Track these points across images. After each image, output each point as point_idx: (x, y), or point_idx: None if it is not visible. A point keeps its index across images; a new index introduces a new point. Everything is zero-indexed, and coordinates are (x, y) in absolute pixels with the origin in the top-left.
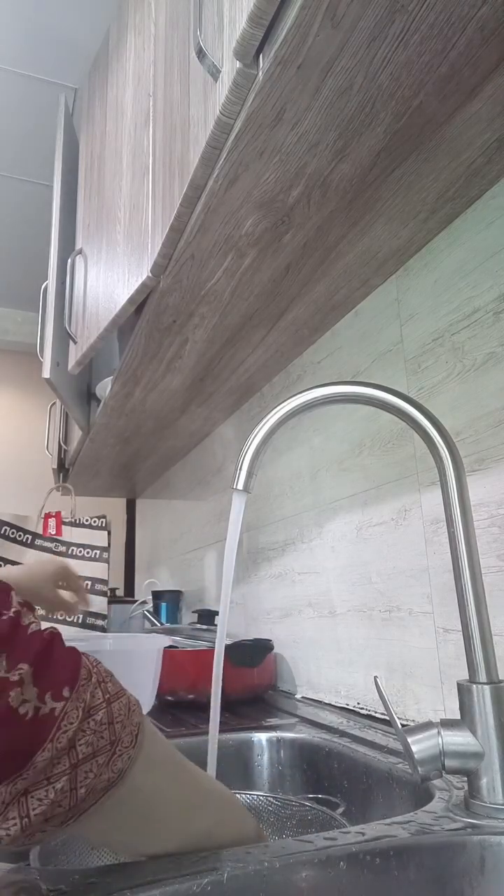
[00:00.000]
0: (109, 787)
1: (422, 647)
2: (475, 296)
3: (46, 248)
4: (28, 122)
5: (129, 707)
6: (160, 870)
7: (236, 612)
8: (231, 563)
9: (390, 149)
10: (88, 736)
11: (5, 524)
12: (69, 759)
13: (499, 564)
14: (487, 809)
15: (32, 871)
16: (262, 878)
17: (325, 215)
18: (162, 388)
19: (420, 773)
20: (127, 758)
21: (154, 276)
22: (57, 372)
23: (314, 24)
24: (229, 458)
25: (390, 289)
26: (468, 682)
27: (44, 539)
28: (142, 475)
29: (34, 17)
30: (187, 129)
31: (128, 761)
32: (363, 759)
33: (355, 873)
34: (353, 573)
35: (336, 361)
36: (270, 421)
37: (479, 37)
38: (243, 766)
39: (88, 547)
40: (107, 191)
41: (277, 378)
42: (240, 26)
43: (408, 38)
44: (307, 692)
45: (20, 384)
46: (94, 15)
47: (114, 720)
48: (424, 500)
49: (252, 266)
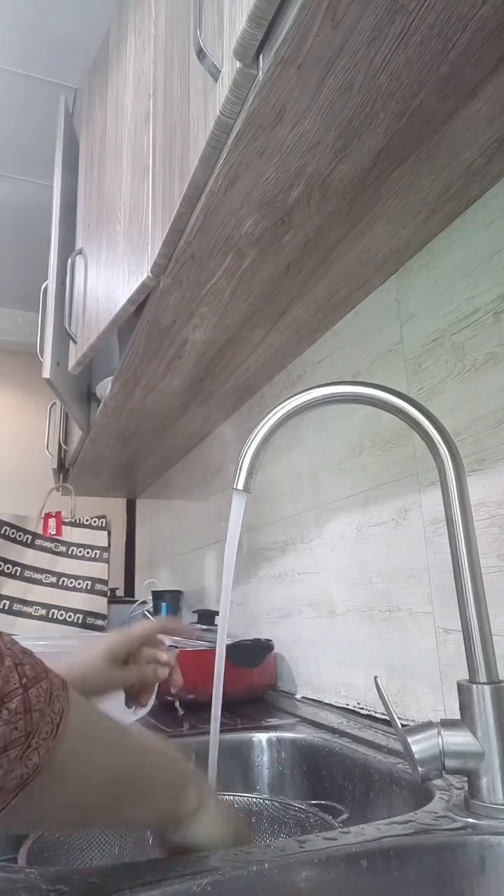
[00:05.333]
0: (23, 784)
1: (422, 647)
2: (475, 296)
3: (46, 248)
4: (28, 122)
5: (51, 692)
6: (160, 870)
7: (236, 612)
8: (231, 563)
9: (390, 149)
10: (0, 728)
11: (5, 524)
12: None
13: (499, 564)
14: (487, 809)
15: (32, 871)
16: (262, 878)
17: (325, 215)
18: (162, 388)
19: (420, 773)
20: (44, 751)
21: (154, 276)
22: (57, 372)
23: (314, 24)
24: (229, 458)
25: (390, 289)
26: (468, 682)
27: (44, 539)
28: (142, 475)
29: (34, 17)
30: (187, 129)
31: (45, 755)
32: (363, 759)
33: (355, 873)
34: (353, 573)
35: (336, 361)
36: (270, 421)
37: (479, 37)
38: (243, 766)
39: (88, 547)
40: (107, 191)
41: (277, 378)
42: (240, 26)
43: (408, 38)
44: (307, 692)
45: (20, 384)
46: (94, 15)
47: (31, 708)
48: (424, 500)
49: (252, 266)
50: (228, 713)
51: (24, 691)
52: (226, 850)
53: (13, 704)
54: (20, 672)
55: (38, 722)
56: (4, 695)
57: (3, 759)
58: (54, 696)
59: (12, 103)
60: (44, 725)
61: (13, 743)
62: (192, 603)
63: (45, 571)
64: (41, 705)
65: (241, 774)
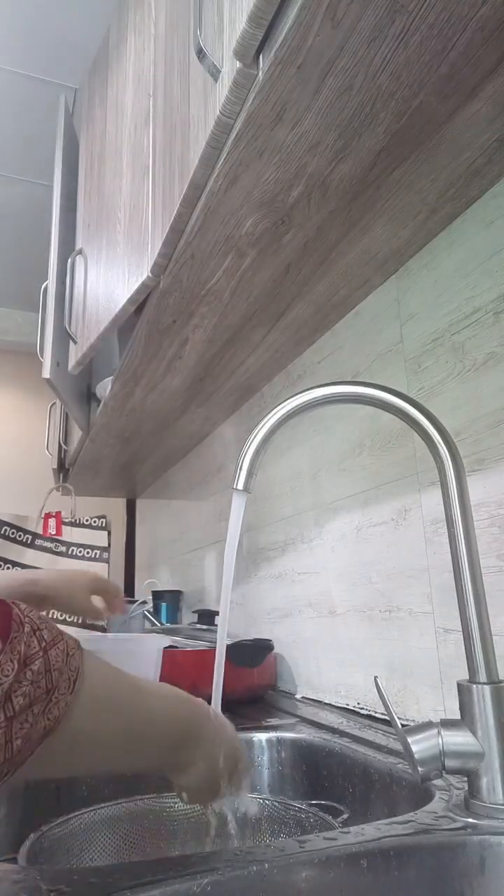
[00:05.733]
0: (46, 734)
1: (422, 647)
2: (475, 296)
3: (46, 248)
4: (28, 122)
5: (67, 652)
6: (160, 870)
7: (236, 612)
8: (231, 563)
9: (390, 149)
10: (25, 687)
11: (5, 524)
12: (4, 712)
13: (499, 564)
14: (487, 809)
15: (32, 870)
16: (262, 878)
17: (325, 215)
18: (162, 388)
19: (420, 773)
20: (64, 704)
21: (154, 276)
22: (57, 372)
23: (314, 25)
24: (229, 458)
25: (390, 289)
26: (468, 682)
27: (44, 539)
28: (142, 475)
29: (34, 17)
30: (187, 129)
31: (64, 708)
32: (363, 759)
33: (355, 873)
34: (353, 573)
35: (336, 361)
36: (270, 421)
37: (479, 37)
38: None
39: (88, 547)
40: (107, 191)
41: (277, 378)
42: (240, 26)
43: (408, 38)
44: (307, 692)
45: (20, 384)
46: (94, 15)
47: (51, 668)
48: (424, 500)
49: (252, 266)
50: (228, 713)
51: (44, 654)
52: (226, 851)
53: (36, 666)
54: (38, 636)
55: (58, 679)
56: (27, 657)
57: (29, 714)
58: (70, 655)
59: (12, 103)
60: (62, 682)
61: (37, 699)
62: (192, 603)
63: None
64: (59, 664)
65: None
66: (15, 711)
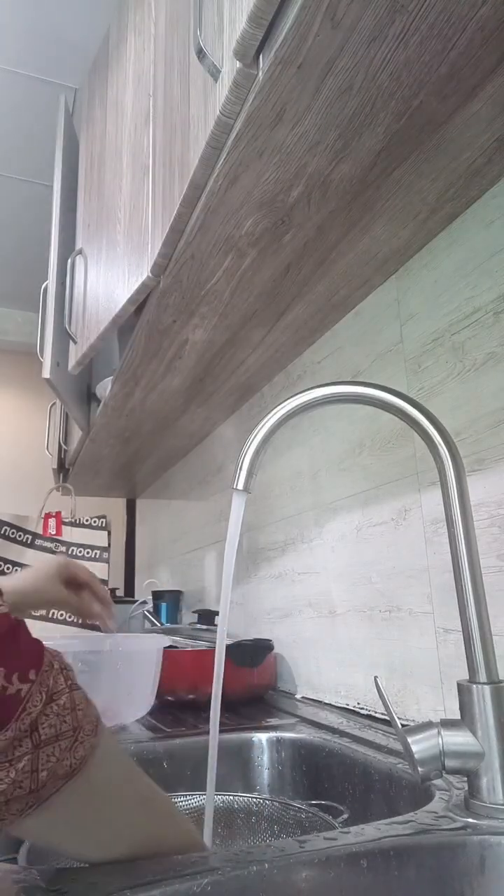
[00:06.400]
0: (72, 773)
1: (422, 647)
2: (475, 296)
3: (46, 248)
4: (28, 122)
5: (87, 700)
6: (160, 870)
7: (236, 612)
8: (231, 563)
9: (390, 149)
10: (52, 719)
11: (5, 524)
12: (31, 740)
13: (499, 564)
14: (487, 809)
15: (32, 871)
16: (262, 878)
17: (325, 215)
18: (162, 388)
19: (420, 773)
20: (89, 745)
21: (154, 276)
22: (57, 372)
23: (314, 25)
24: (229, 458)
25: (390, 289)
26: (468, 682)
27: (44, 539)
28: (142, 475)
29: (34, 17)
30: (187, 129)
31: (90, 749)
32: (363, 759)
33: (355, 873)
34: (353, 573)
35: (336, 361)
36: (270, 421)
37: (479, 37)
38: (243, 766)
39: (88, 547)
40: (107, 191)
41: (277, 378)
42: (240, 26)
43: (408, 38)
44: (307, 692)
45: (20, 384)
46: (94, 15)
47: (76, 706)
48: (424, 500)
49: (252, 266)
50: (228, 713)
51: (70, 692)
52: (226, 851)
53: (62, 700)
54: (65, 675)
55: (82, 720)
56: (54, 692)
57: (55, 748)
58: (90, 703)
59: (12, 103)
60: (86, 724)
61: (64, 734)
62: (192, 603)
63: None
64: (83, 706)
65: (241, 774)
66: (41, 741)
